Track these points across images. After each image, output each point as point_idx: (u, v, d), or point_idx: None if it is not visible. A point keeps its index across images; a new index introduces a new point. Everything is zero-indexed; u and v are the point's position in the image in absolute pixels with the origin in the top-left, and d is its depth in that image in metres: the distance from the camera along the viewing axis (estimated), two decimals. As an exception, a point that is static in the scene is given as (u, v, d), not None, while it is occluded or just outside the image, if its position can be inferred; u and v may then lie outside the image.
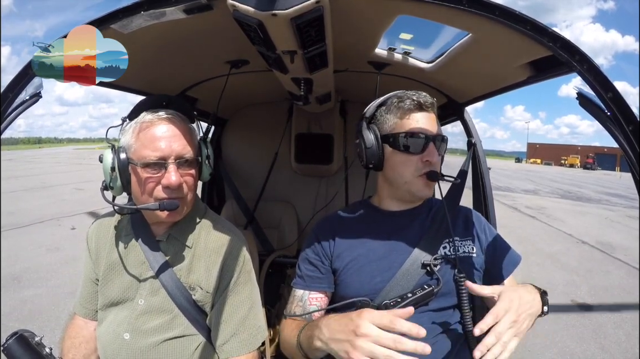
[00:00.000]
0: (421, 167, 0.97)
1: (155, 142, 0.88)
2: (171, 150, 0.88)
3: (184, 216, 0.98)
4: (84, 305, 1.04)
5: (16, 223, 6.30)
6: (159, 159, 0.87)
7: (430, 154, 0.96)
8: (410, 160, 0.98)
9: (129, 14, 0.77)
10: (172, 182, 0.87)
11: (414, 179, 0.98)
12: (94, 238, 1.04)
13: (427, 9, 0.80)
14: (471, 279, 0.96)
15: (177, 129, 0.91)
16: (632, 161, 0.66)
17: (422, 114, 0.99)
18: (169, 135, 0.89)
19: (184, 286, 0.95)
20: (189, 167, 0.93)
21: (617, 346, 3.02)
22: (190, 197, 0.95)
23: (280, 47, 0.93)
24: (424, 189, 0.99)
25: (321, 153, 2.13)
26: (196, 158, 0.95)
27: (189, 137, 0.93)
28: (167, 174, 0.87)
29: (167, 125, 0.90)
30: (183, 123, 0.94)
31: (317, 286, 1.02)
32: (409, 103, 0.99)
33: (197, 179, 0.99)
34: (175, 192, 0.90)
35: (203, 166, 1.00)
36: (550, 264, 5.18)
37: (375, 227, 1.03)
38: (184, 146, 0.91)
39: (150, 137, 0.88)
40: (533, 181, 21.98)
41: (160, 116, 0.90)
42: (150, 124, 0.89)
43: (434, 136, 0.98)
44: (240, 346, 0.96)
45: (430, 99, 0.99)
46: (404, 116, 0.99)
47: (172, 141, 0.89)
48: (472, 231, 1.04)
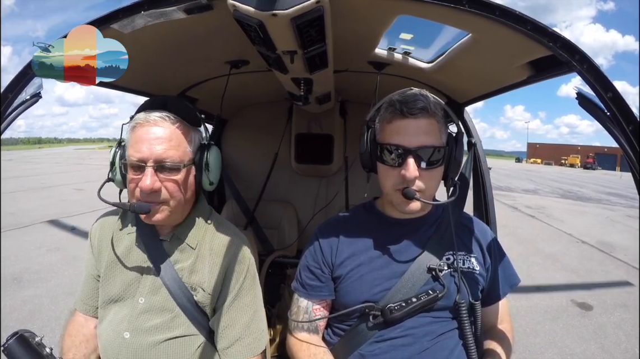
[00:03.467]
0: (398, 182, 0.90)
1: (139, 144, 0.87)
2: (151, 153, 0.86)
3: (184, 218, 0.98)
4: (85, 301, 1.04)
5: (16, 223, 6.30)
6: (138, 160, 0.86)
7: (407, 170, 0.87)
8: (390, 172, 0.92)
9: (130, 14, 0.77)
10: (144, 186, 0.85)
11: (394, 192, 0.93)
12: (97, 234, 1.04)
13: (427, 9, 0.79)
14: (473, 294, 0.96)
15: (165, 132, 0.88)
16: (632, 161, 0.66)
17: (406, 122, 0.90)
18: (153, 138, 0.87)
19: (185, 286, 0.95)
20: (171, 172, 0.89)
21: (617, 346, 3.02)
22: (174, 203, 0.91)
23: (281, 47, 0.93)
24: (403, 205, 0.92)
25: (321, 153, 2.13)
26: (182, 164, 0.90)
27: (178, 142, 0.90)
28: (143, 177, 0.86)
29: (154, 127, 0.88)
30: (177, 126, 0.91)
31: (318, 295, 1.02)
32: (391, 110, 0.92)
33: (195, 184, 0.96)
34: (151, 197, 0.87)
35: (202, 173, 0.95)
36: (551, 264, 5.17)
37: (378, 235, 1.01)
38: (167, 150, 0.87)
39: (136, 138, 0.88)
40: (533, 181, 21.97)
41: (149, 118, 0.88)
42: (140, 125, 0.89)
43: (416, 149, 0.88)
44: (245, 350, 0.96)
45: (421, 102, 0.89)
46: (387, 123, 0.93)
47: (155, 144, 0.86)
48: (477, 247, 1.02)
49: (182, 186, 0.92)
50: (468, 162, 1.40)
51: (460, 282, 0.94)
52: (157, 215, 0.90)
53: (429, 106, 0.90)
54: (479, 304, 0.97)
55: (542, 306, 3.73)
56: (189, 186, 0.95)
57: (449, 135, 0.96)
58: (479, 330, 0.98)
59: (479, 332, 0.98)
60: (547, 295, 4.03)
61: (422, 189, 0.90)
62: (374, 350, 0.93)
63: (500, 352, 0.98)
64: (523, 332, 3.14)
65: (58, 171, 17.81)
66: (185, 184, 0.93)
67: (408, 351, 0.91)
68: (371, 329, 0.94)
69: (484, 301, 1.03)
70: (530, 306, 3.67)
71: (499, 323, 1.08)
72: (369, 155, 0.97)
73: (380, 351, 0.93)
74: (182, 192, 0.92)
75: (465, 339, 0.93)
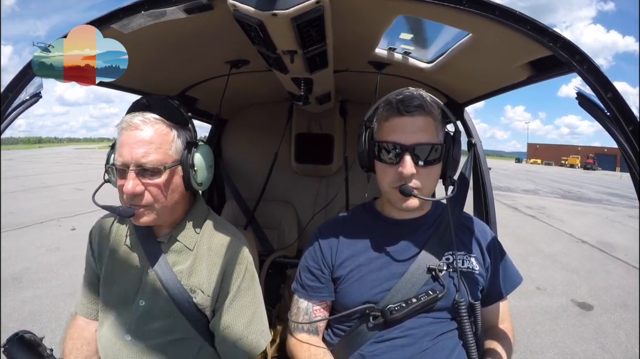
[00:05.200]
0: (396, 180, 0.91)
1: (121, 148, 0.87)
2: (131, 157, 0.85)
3: (178, 218, 0.98)
4: (85, 304, 1.04)
5: (16, 223, 6.30)
6: (121, 165, 0.87)
7: (404, 166, 0.88)
8: (387, 170, 0.93)
9: (130, 13, 0.77)
10: (126, 190, 0.85)
11: (391, 189, 0.93)
12: (96, 237, 1.04)
13: (427, 9, 0.79)
14: (473, 294, 0.96)
15: (146, 135, 0.87)
16: (632, 161, 0.66)
17: (403, 120, 0.91)
18: (133, 141, 0.86)
19: (184, 289, 0.95)
20: (153, 175, 0.87)
21: (618, 346, 3.02)
22: (159, 206, 0.90)
23: (281, 47, 0.93)
24: (401, 202, 0.92)
25: (321, 153, 2.13)
26: (164, 166, 0.88)
27: (159, 144, 0.88)
28: (126, 181, 0.86)
29: (135, 131, 0.87)
30: (159, 128, 0.89)
31: (318, 296, 1.02)
32: (388, 109, 0.93)
33: (184, 185, 0.94)
34: (135, 200, 0.87)
35: (190, 174, 0.93)
36: (551, 264, 5.17)
37: (378, 236, 1.01)
38: (147, 153, 0.86)
39: (120, 142, 0.88)
40: (533, 181, 21.96)
41: (132, 121, 0.87)
42: (123, 129, 0.88)
43: (413, 146, 0.89)
44: (245, 350, 0.96)
45: (417, 100, 0.90)
46: (384, 122, 0.94)
47: (135, 148, 0.86)
48: (477, 246, 1.02)
49: (165, 188, 0.90)
50: (468, 163, 1.40)
51: (459, 282, 0.94)
52: (144, 218, 0.90)
53: (425, 104, 0.91)
54: (478, 304, 0.97)
55: (542, 306, 3.73)
56: (175, 187, 0.92)
57: (447, 133, 0.97)
58: (479, 330, 0.98)
59: (479, 332, 0.98)
60: (547, 295, 4.03)
61: (420, 186, 0.91)
62: (374, 350, 0.93)
63: (500, 352, 0.98)
64: (523, 332, 3.14)
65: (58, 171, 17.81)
66: (169, 186, 0.90)
67: (408, 351, 0.91)
68: (371, 329, 0.94)
69: (485, 301, 1.03)
70: (530, 306, 3.67)
71: (500, 323, 1.08)
72: (367, 154, 0.97)
73: (380, 351, 0.93)
74: (166, 195, 0.90)
75: (465, 339, 0.93)
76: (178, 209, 0.98)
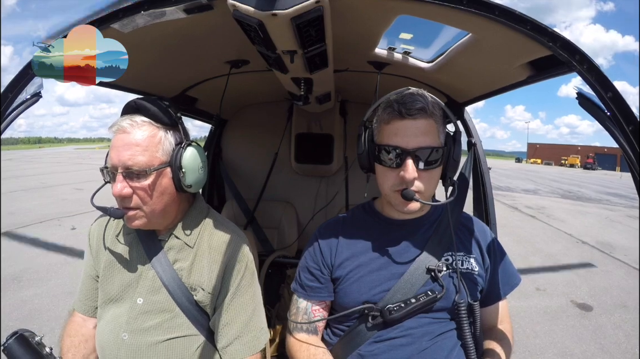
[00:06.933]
0: (397, 183, 0.90)
1: (111, 151, 0.89)
2: (118, 160, 0.86)
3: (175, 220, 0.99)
4: (84, 301, 1.04)
5: (16, 223, 6.30)
6: (111, 168, 0.88)
7: (406, 171, 0.87)
8: (388, 173, 0.92)
9: (129, 13, 0.77)
10: (114, 192, 0.87)
11: (392, 193, 0.92)
12: (95, 235, 1.05)
13: (427, 9, 0.80)
14: (472, 295, 0.96)
15: (133, 138, 0.87)
16: (632, 161, 0.66)
17: (404, 123, 0.89)
18: (121, 145, 0.87)
19: (185, 287, 0.95)
20: (140, 178, 0.87)
21: (617, 346, 3.02)
22: (148, 209, 0.90)
23: (280, 47, 0.93)
24: (402, 205, 0.92)
25: (321, 153, 2.13)
26: (150, 169, 0.87)
27: (145, 146, 0.88)
28: (114, 184, 0.87)
29: (123, 134, 0.88)
30: (146, 131, 0.89)
31: (317, 296, 1.02)
32: (389, 111, 0.91)
33: (175, 186, 0.93)
34: (124, 202, 0.88)
35: (179, 175, 0.91)
36: (551, 264, 5.17)
37: (378, 236, 1.01)
38: (133, 156, 0.86)
39: (111, 145, 0.90)
40: (533, 181, 21.95)
41: (120, 124, 0.89)
42: (114, 132, 0.90)
43: (415, 150, 0.87)
44: (244, 348, 0.96)
45: (419, 103, 0.88)
46: (385, 124, 0.92)
47: (122, 151, 0.86)
48: (476, 247, 1.02)
49: (153, 191, 0.89)
50: (468, 162, 1.40)
51: (459, 283, 0.94)
52: (135, 221, 0.90)
53: (427, 106, 0.89)
54: (477, 304, 0.97)
55: (541, 306, 3.73)
56: (164, 189, 0.91)
57: (447, 134, 0.96)
58: (478, 330, 0.98)
59: (478, 332, 0.98)
60: (546, 295, 4.03)
61: (421, 189, 0.90)
62: (373, 350, 0.93)
63: (500, 352, 0.98)
64: (522, 333, 3.14)
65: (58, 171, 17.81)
66: (156, 188, 0.90)
67: (407, 351, 0.91)
68: (370, 329, 0.94)
69: (484, 301, 1.03)
70: (529, 307, 3.67)
71: (499, 323, 1.08)
72: (367, 155, 0.97)
73: (379, 351, 0.93)
74: (154, 197, 0.90)
75: (464, 339, 0.93)
76: (171, 212, 0.96)
